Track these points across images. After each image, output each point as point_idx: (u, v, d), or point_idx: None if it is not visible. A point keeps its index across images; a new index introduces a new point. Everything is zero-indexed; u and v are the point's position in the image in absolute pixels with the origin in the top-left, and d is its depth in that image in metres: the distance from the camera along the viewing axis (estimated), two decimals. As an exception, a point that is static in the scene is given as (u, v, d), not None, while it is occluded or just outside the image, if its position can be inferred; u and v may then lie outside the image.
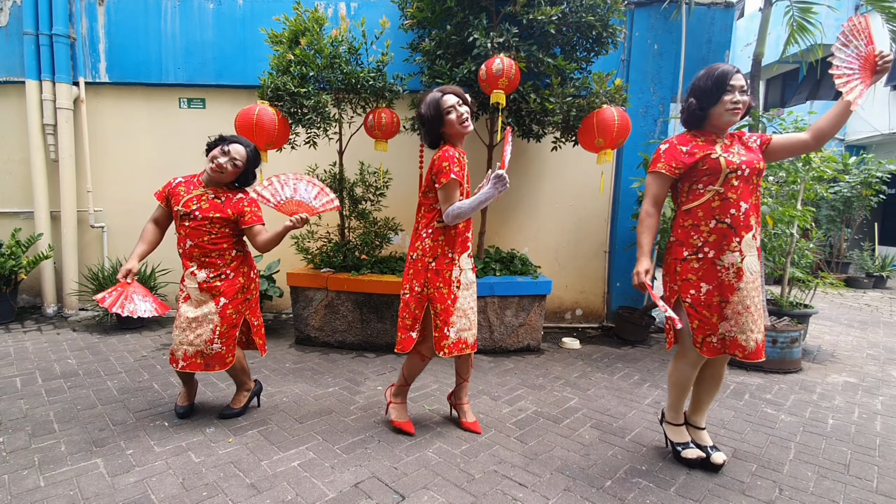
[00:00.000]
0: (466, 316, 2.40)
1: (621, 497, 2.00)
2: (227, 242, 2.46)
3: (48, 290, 4.72)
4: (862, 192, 7.91)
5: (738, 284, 2.02)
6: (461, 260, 2.38)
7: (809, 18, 4.10)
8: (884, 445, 2.53)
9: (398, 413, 2.55)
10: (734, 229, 2.01)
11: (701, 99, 2.05)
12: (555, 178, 4.81)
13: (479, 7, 3.62)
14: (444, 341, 2.32)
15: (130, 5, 4.60)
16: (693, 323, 2.08)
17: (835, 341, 4.66)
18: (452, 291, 2.35)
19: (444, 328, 2.31)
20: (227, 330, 2.45)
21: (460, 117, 2.26)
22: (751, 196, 2.04)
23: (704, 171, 2.03)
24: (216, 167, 2.39)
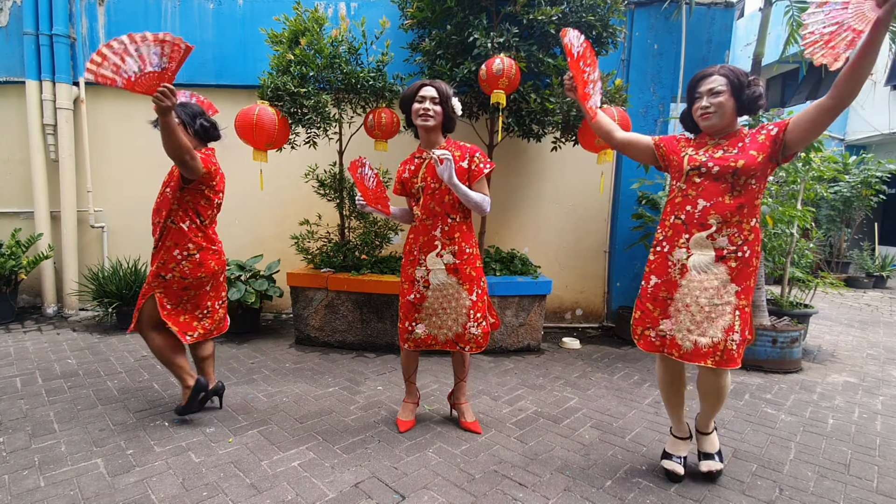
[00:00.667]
0: (438, 316, 2.39)
1: (621, 497, 2.00)
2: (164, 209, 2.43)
3: (48, 290, 4.72)
4: (862, 191, 7.91)
5: (680, 281, 1.99)
6: (428, 260, 2.35)
7: None
8: (884, 445, 2.53)
9: (401, 409, 2.63)
10: (686, 226, 1.98)
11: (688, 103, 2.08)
12: (555, 178, 4.81)
13: (480, 7, 3.62)
14: (406, 335, 2.43)
15: (130, 5, 4.60)
16: (636, 313, 2.11)
17: (835, 341, 4.66)
18: (417, 290, 2.39)
19: (404, 321, 2.42)
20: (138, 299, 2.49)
21: (422, 110, 2.27)
22: (720, 195, 1.93)
23: (674, 166, 2.07)
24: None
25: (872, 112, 10.39)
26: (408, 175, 2.41)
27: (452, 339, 2.41)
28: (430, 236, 2.34)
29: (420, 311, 2.40)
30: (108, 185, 4.83)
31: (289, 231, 4.37)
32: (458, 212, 2.36)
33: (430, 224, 2.34)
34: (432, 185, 2.33)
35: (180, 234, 2.44)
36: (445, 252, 2.34)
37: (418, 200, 2.38)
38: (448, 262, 2.35)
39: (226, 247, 4.88)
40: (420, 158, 2.40)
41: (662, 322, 2.04)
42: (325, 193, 4.01)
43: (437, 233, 2.34)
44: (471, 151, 2.36)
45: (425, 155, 2.37)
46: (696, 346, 1.94)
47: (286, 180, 4.64)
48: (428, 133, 2.35)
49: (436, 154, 2.18)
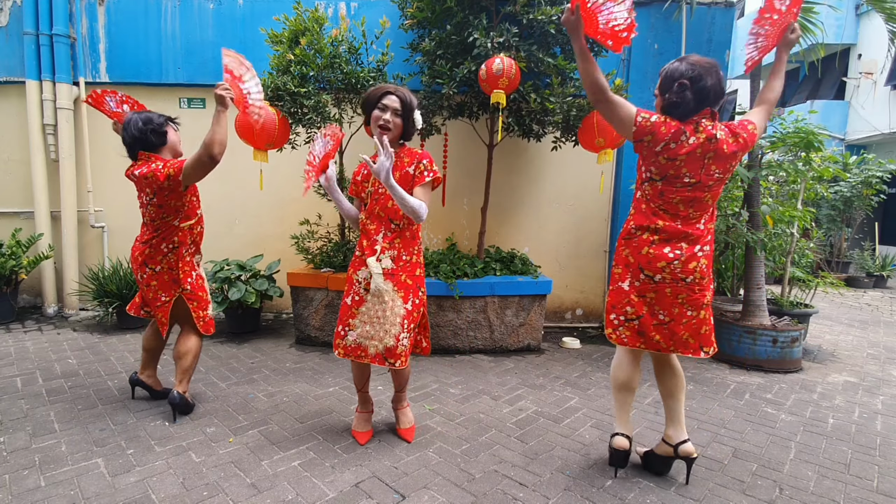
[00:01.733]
0: (372, 324, 2.23)
1: (622, 497, 2.00)
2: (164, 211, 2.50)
3: (48, 290, 4.72)
4: (862, 191, 7.91)
5: None
6: (370, 263, 2.24)
7: (810, 18, 4.10)
8: (884, 445, 2.53)
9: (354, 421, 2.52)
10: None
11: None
12: (555, 177, 4.81)
13: (479, 7, 3.62)
14: (338, 339, 2.33)
15: (130, 5, 4.60)
16: None
17: (835, 341, 4.66)
18: (356, 292, 2.29)
19: (339, 325, 2.34)
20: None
21: (381, 120, 2.20)
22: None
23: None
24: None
25: (872, 112, 10.39)
26: (361, 178, 2.36)
27: (382, 353, 2.23)
28: (372, 240, 2.29)
29: (355, 316, 2.27)
30: (108, 184, 4.83)
31: (289, 231, 4.37)
32: (401, 218, 2.26)
33: (374, 228, 2.28)
34: (379, 189, 2.27)
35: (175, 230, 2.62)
36: (384, 257, 2.25)
37: (365, 205, 2.34)
38: (385, 267, 2.24)
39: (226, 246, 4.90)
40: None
41: None
42: (325, 193, 4.01)
43: (379, 237, 2.27)
44: (419, 157, 2.28)
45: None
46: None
47: (286, 180, 4.64)
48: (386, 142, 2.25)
49: (365, 157, 2.12)
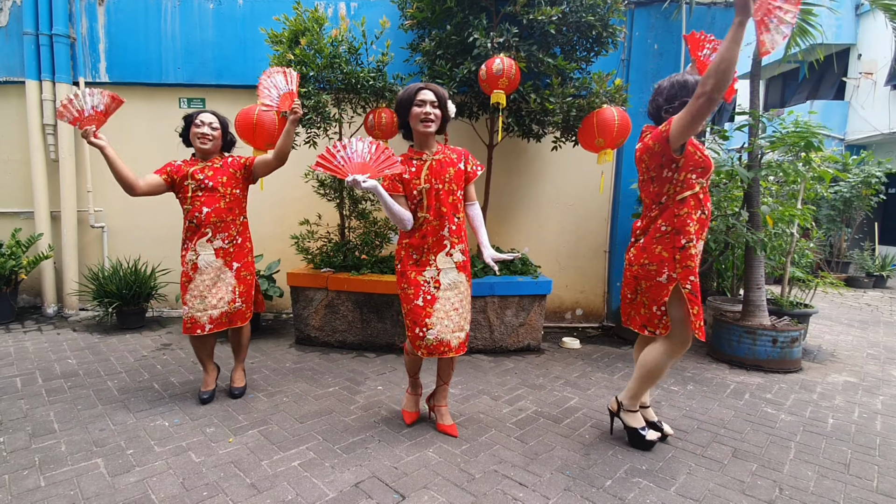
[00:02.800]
0: (450, 318, 2.34)
1: (622, 497, 2.00)
2: (238, 207, 2.73)
3: (48, 290, 4.72)
4: (862, 191, 7.91)
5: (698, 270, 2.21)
6: (438, 260, 2.34)
7: (810, 20, 4.10)
8: (884, 445, 2.53)
9: (405, 401, 2.69)
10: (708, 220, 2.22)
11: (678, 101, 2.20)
12: (555, 178, 4.81)
13: (479, 7, 3.62)
14: (419, 341, 2.33)
15: (130, 5, 4.60)
16: (693, 309, 2.15)
17: (835, 341, 4.66)
18: (426, 292, 2.32)
19: (414, 328, 2.32)
20: (245, 290, 2.76)
21: (424, 115, 2.27)
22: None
23: (699, 162, 2.12)
24: (203, 138, 2.63)
25: (872, 112, 10.39)
26: (408, 177, 2.35)
27: (464, 340, 2.39)
28: (440, 236, 2.33)
29: (431, 315, 2.31)
30: (108, 185, 4.82)
31: (289, 231, 4.37)
32: (461, 211, 2.41)
33: (438, 224, 2.32)
34: (437, 186, 2.31)
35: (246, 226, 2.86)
36: (455, 250, 2.36)
37: (419, 202, 2.33)
38: (458, 261, 2.38)
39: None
40: (420, 160, 2.35)
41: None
42: (325, 193, 4.01)
43: (446, 232, 2.33)
44: (465, 154, 2.44)
45: (425, 156, 2.35)
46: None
47: (286, 180, 4.63)
48: (427, 136, 2.34)
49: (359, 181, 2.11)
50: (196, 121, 2.65)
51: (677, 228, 2.13)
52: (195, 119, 2.65)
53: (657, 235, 2.18)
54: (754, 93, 4.01)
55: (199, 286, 2.63)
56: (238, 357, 2.97)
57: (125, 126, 4.79)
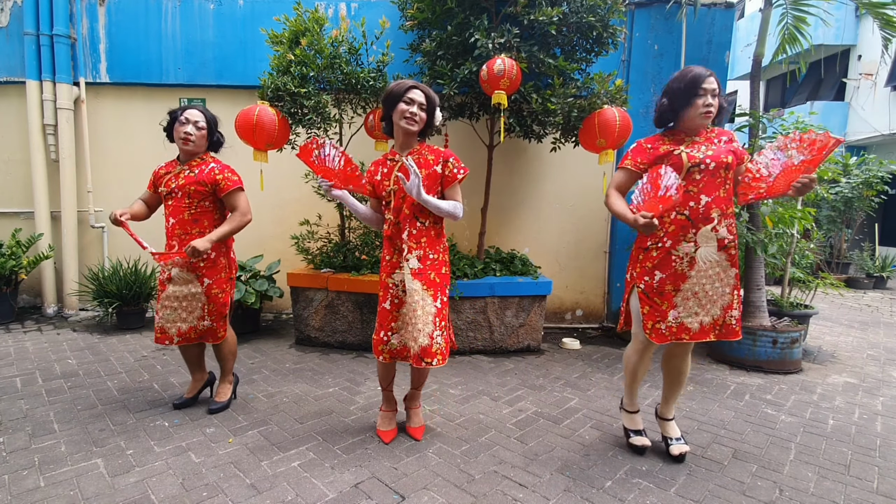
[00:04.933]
0: (413, 324, 2.21)
1: (621, 497, 2.00)
2: (207, 219, 2.50)
3: (48, 290, 4.72)
4: (863, 192, 7.90)
5: (689, 273, 2.13)
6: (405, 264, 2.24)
7: (801, 28, 4.11)
8: (884, 446, 2.53)
9: (380, 420, 2.54)
10: (692, 221, 2.10)
11: (673, 100, 2.12)
12: (555, 178, 4.81)
13: (480, 8, 3.62)
14: (381, 346, 2.33)
15: (131, 5, 4.61)
16: (644, 308, 2.19)
17: (835, 342, 4.66)
18: (394, 295, 2.30)
19: (379, 332, 2.33)
20: (216, 308, 2.54)
21: (409, 114, 2.20)
22: (716, 189, 2.09)
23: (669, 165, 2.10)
24: (185, 138, 2.44)
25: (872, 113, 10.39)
26: (380, 178, 2.31)
27: (418, 353, 2.22)
28: (400, 239, 2.28)
29: (396, 319, 2.30)
30: (108, 185, 4.83)
31: (289, 231, 4.37)
32: (427, 216, 2.27)
33: (399, 227, 2.27)
34: (394, 188, 2.26)
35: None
36: (411, 256, 2.24)
37: (388, 204, 2.29)
38: (413, 267, 2.24)
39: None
40: (393, 161, 2.31)
41: (670, 313, 2.16)
42: (325, 194, 4.01)
43: (405, 236, 2.25)
44: (444, 156, 2.28)
45: (398, 157, 2.30)
46: (702, 326, 2.15)
47: (286, 180, 4.64)
48: (407, 136, 2.28)
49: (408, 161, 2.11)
50: (181, 117, 2.44)
51: None
52: (180, 115, 2.45)
53: (636, 236, 2.29)
54: (754, 94, 4.01)
55: (170, 297, 2.48)
56: (222, 371, 2.77)
57: (125, 126, 4.80)
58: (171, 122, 2.50)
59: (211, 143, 2.58)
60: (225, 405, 2.71)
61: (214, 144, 2.60)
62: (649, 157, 2.15)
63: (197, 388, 2.78)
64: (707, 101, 2.05)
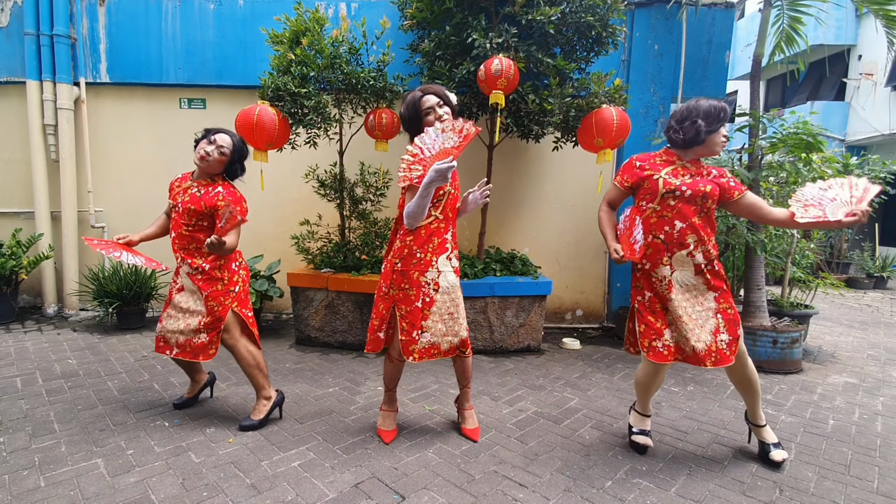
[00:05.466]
0: (444, 322, 2.29)
1: (622, 497, 2.00)
2: (204, 235, 2.45)
3: (49, 290, 4.72)
4: (863, 192, 7.88)
5: (668, 295, 2.17)
6: (439, 262, 2.28)
7: (797, 28, 4.11)
8: (884, 446, 2.53)
9: (381, 419, 2.52)
10: (666, 245, 2.16)
11: (709, 123, 2.12)
12: (555, 178, 4.81)
13: (478, 8, 3.62)
14: (412, 346, 2.26)
15: (131, 5, 4.61)
16: (640, 327, 2.23)
17: (835, 342, 4.66)
18: (426, 294, 2.26)
19: (411, 331, 2.25)
20: (212, 322, 2.46)
21: (440, 119, 2.24)
22: (692, 216, 2.14)
23: (647, 189, 2.20)
24: (202, 156, 2.43)
25: (873, 112, 10.38)
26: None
27: (457, 345, 2.35)
28: (443, 239, 2.30)
29: (427, 318, 2.27)
30: (108, 185, 4.83)
31: (289, 231, 4.37)
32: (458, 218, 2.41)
33: (443, 227, 2.29)
34: (451, 190, 2.31)
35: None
36: (453, 255, 2.34)
37: (436, 202, 2.27)
38: (455, 266, 2.36)
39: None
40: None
41: (665, 332, 2.19)
42: (325, 194, 4.01)
43: (448, 236, 2.32)
44: None
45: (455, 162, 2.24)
46: (695, 352, 2.14)
47: (287, 180, 4.64)
48: None
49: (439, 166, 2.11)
50: (211, 137, 2.46)
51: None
52: (211, 136, 2.46)
53: None
54: (754, 93, 4.01)
55: (176, 306, 2.48)
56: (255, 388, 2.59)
57: (125, 126, 4.80)
58: (202, 137, 2.49)
59: (228, 170, 2.55)
60: (255, 424, 2.51)
61: (231, 172, 2.57)
62: (634, 178, 2.24)
63: (197, 388, 2.77)
64: (725, 131, 2.16)
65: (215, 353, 2.49)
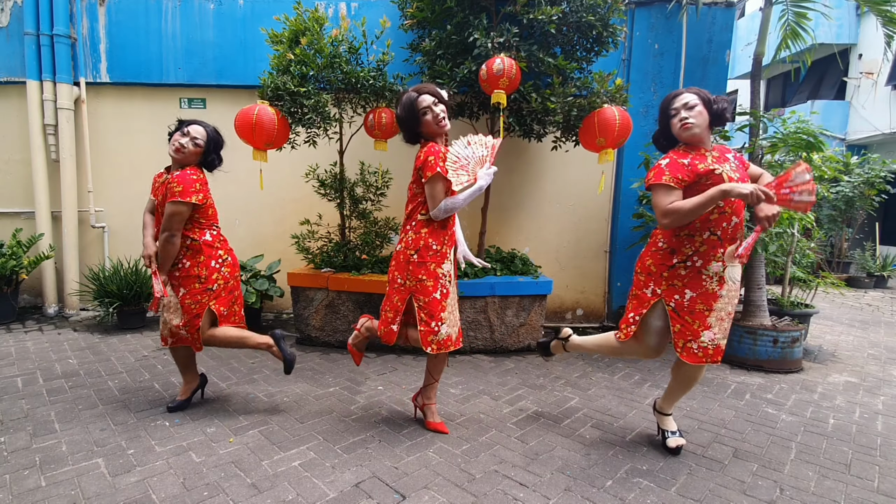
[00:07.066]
0: (454, 313, 2.41)
1: (622, 497, 2.00)
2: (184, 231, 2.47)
3: (49, 290, 4.72)
4: (865, 191, 7.90)
5: (720, 292, 2.12)
6: (450, 254, 2.38)
7: (803, 24, 4.11)
8: (885, 445, 2.53)
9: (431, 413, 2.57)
10: (721, 241, 2.10)
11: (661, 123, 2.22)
12: (556, 177, 4.81)
13: (480, 7, 3.62)
14: (432, 336, 2.29)
15: (131, 5, 4.61)
16: (675, 327, 2.16)
17: (836, 341, 4.66)
18: (443, 286, 2.31)
19: (430, 322, 2.28)
20: (190, 319, 2.50)
21: (436, 117, 2.27)
22: (744, 209, 2.13)
23: (708, 185, 2.02)
24: (178, 147, 2.42)
25: (873, 112, 10.38)
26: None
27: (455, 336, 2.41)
28: (452, 232, 2.40)
29: (446, 309, 2.31)
30: (108, 185, 4.83)
31: (289, 231, 4.37)
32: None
33: (450, 221, 2.40)
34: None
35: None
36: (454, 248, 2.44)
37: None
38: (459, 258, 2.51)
39: (226, 247, 4.75)
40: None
41: (703, 333, 2.12)
42: (325, 193, 4.01)
43: (457, 228, 2.44)
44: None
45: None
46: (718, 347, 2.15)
47: (287, 180, 4.64)
48: (447, 136, 2.39)
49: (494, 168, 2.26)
50: (184, 129, 2.44)
51: (672, 248, 2.16)
52: (185, 127, 2.45)
53: (653, 249, 2.24)
54: (755, 93, 4.01)
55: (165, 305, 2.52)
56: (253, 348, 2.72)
57: (125, 126, 4.80)
58: (176, 129, 2.48)
59: (205, 161, 2.53)
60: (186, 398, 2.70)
61: (207, 164, 2.55)
62: (690, 174, 2.04)
63: (190, 390, 2.74)
64: (680, 115, 2.10)
65: (201, 349, 2.59)
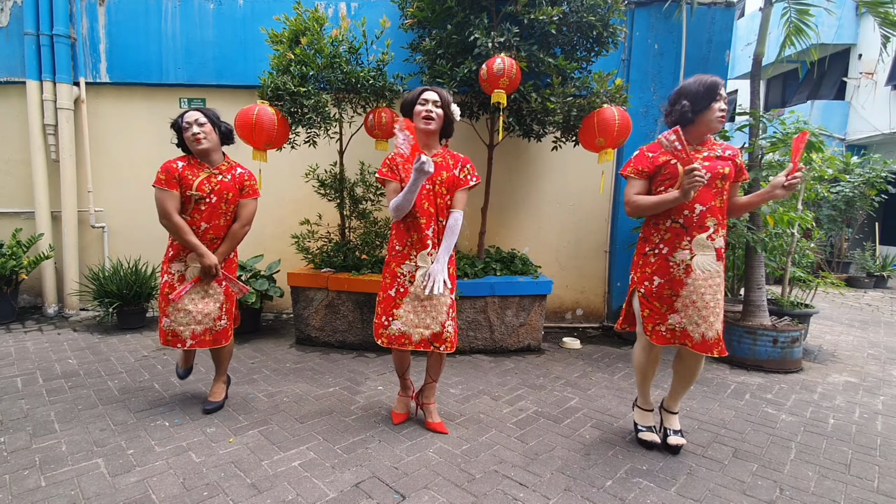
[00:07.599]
0: (416, 313, 2.36)
1: (622, 497, 2.00)
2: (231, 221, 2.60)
3: (49, 290, 4.72)
4: (865, 191, 7.90)
5: (686, 280, 2.17)
6: (419, 258, 2.36)
7: (806, 20, 4.11)
8: (885, 445, 2.53)
9: (395, 403, 2.72)
10: (686, 229, 2.16)
11: (694, 102, 2.15)
12: (555, 177, 4.80)
13: (480, 7, 3.62)
14: (381, 329, 2.40)
15: (131, 5, 4.60)
16: (644, 311, 2.26)
17: (836, 341, 4.66)
18: (400, 284, 2.38)
19: (381, 317, 2.40)
20: (230, 306, 2.62)
21: (426, 112, 2.32)
22: (712, 199, 2.15)
23: (666, 175, 2.19)
24: (196, 138, 2.43)
25: (873, 112, 10.38)
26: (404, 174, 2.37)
27: (428, 338, 2.37)
28: (423, 234, 2.35)
29: (399, 307, 2.36)
30: (108, 185, 4.83)
31: (289, 231, 4.37)
32: (445, 216, 2.42)
33: (424, 223, 2.34)
34: (427, 186, 2.34)
35: None
36: (434, 251, 2.37)
37: None
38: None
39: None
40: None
41: (670, 317, 2.21)
42: (325, 193, 4.01)
43: (430, 232, 2.36)
44: (463, 161, 2.45)
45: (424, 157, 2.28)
46: (704, 339, 2.16)
47: (287, 180, 4.64)
48: (427, 136, 2.38)
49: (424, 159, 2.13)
50: (183, 123, 2.44)
51: (645, 237, 2.31)
52: (182, 122, 2.45)
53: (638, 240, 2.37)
54: (754, 93, 4.01)
55: (186, 297, 2.48)
56: (218, 372, 2.77)
57: (125, 126, 4.80)
58: (179, 133, 2.49)
59: (221, 134, 2.55)
60: (220, 405, 2.73)
61: (225, 135, 2.58)
62: (650, 166, 2.23)
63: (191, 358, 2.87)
64: (722, 105, 2.13)
65: (232, 334, 2.66)
